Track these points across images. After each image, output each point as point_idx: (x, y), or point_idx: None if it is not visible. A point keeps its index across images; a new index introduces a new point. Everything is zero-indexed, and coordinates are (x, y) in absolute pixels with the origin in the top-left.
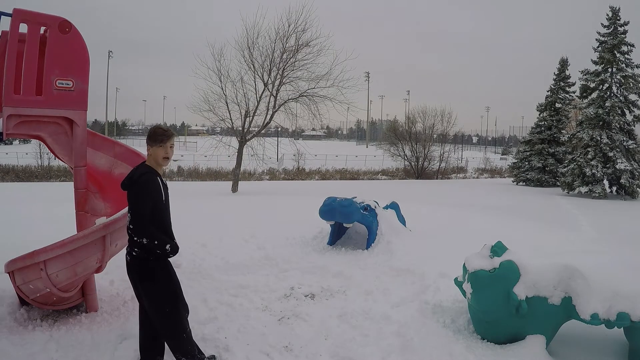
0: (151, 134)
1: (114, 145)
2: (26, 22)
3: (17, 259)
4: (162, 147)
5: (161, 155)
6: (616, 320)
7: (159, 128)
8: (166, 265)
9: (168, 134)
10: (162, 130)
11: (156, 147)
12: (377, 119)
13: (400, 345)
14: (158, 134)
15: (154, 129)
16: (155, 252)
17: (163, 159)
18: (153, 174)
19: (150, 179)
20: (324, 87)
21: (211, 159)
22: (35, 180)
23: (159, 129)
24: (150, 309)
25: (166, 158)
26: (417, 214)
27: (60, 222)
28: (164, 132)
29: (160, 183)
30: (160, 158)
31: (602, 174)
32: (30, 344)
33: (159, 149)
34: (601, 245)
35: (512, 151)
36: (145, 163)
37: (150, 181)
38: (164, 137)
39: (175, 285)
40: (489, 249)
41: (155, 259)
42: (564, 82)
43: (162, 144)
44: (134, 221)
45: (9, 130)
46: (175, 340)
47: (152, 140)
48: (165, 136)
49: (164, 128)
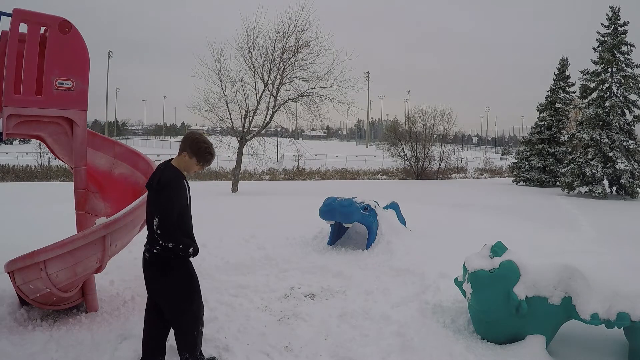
0: (198, 150)
1: (114, 145)
2: (26, 22)
3: (17, 259)
4: (200, 166)
5: (195, 170)
6: (616, 320)
7: (209, 148)
8: (186, 262)
9: (212, 158)
10: (211, 154)
11: (195, 162)
12: (377, 119)
13: (400, 345)
14: (207, 154)
15: (203, 145)
16: (178, 253)
17: (195, 171)
18: (181, 177)
19: (180, 185)
20: (324, 87)
21: None
22: (35, 180)
23: (209, 151)
24: (167, 305)
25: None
26: (417, 214)
27: (60, 222)
28: (211, 157)
29: (186, 186)
30: (191, 171)
31: (602, 174)
32: (30, 344)
33: (197, 165)
34: (601, 245)
35: (512, 151)
36: (172, 164)
37: (181, 187)
38: (209, 161)
39: (194, 283)
40: (489, 249)
41: (176, 258)
42: (564, 82)
43: (203, 165)
44: (162, 226)
45: (9, 130)
46: (188, 336)
47: (196, 155)
48: (210, 161)
49: (212, 151)
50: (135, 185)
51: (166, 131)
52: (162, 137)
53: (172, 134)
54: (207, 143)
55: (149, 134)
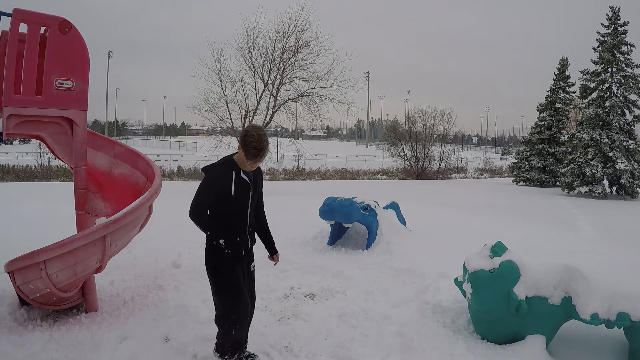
0: (244, 144)
1: (114, 145)
2: (26, 22)
3: (17, 259)
4: (250, 161)
5: (248, 164)
6: (616, 320)
7: (255, 142)
8: (215, 254)
9: (262, 153)
10: (255, 149)
11: (244, 156)
12: (377, 119)
13: (400, 345)
14: (251, 148)
15: (250, 139)
16: (213, 242)
17: (252, 165)
18: (227, 167)
19: (218, 173)
20: (324, 87)
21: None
22: (35, 180)
23: (253, 145)
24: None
25: (253, 166)
26: (417, 214)
27: (60, 222)
28: (256, 152)
29: (232, 178)
30: (247, 165)
31: (602, 174)
32: (30, 344)
33: (246, 160)
34: (601, 245)
35: (512, 151)
36: (234, 156)
37: (217, 175)
38: (254, 156)
39: (221, 278)
40: (489, 249)
41: (210, 246)
42: (564, 82)
43: (250, 159)
44: (191, 206)
45: (9, 130)
46: (218, 327)
47: (243, 148)
48: (256, 156)
49: (257, 146)
50: (135, 185)
51: (166, 131)
52: (162, 137)
53: (172, 134)
54: (255, 137)
55: (149, 134)
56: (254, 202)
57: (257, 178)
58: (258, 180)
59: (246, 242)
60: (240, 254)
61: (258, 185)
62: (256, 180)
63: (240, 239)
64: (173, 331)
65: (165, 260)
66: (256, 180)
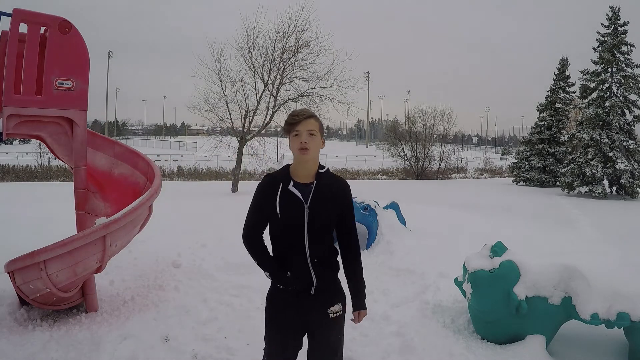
0: (285, 123)
1: (114, 145)
2: (26, 22)
3: (17, 259)
4: (296, 136)
5: (295, 146)
6: (616, 320)
7: (291, 114)
8: (275, 293)
9: (297, 119)
10: (292, 115)
11: (290, 138)
12: (377, 119)
13: (400, 345)
14: (287, 121)
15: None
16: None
17: (299, 150)
18: (275, 176)
19: (263, 184)
20: (324, 87)
21: (211, 159)
22: (35, 180)
23: (287, 120)
24: None
25: (303, 149)
26: (417, 214)
27: (60, 222)
28: (292, 117)
29: (278, 191)
30: (295, 149)
31: (602, 174)
32: (30, 344)
33: (292, 139)
34: (601, 245)
35: (512, 151)
36: (291, 165)
37: (261, 187)
38: (291, 124)
39: (272, 321)
40: (489, 249)
41: (272, 281)
42: (564, 82)
43: (292, 131)
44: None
45: (9, 130)
46: None
47: (285, 131)
48: (291, 123)
49: (295, 112)
50: (135, 185)
51: (166, 131)
52: (162, 137)
53: (172, 134)
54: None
55: (149, 134)
56: (317, 225)
57: (321, 194)
58: (324, 197)
59: (303, 281)
60: (301, 293)
61: (323, 204)
62: (318, 196)
63: (293, 275)
64: (173, 331)
65: (165, 260)
66: (318, 196)
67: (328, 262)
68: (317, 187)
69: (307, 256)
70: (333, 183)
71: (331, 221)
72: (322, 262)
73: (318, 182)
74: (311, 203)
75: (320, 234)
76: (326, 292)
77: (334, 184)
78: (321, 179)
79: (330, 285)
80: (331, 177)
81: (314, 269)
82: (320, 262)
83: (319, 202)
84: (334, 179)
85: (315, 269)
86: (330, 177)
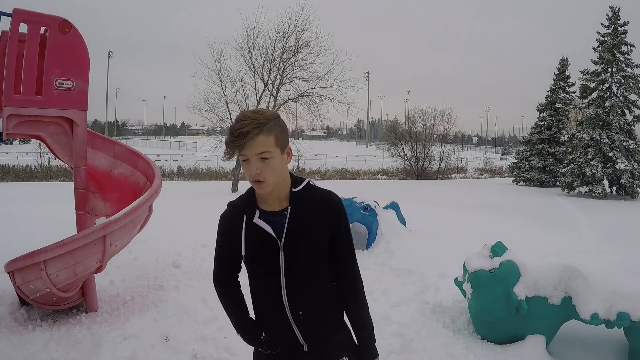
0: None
1: (114, 145)
2: (26, 22)
3: (17, 259)
4: (245, 162)
5: (247, 175)
6: (616, 320)
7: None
8: (257, 352)
9: (238, 141)
10: (231, 132)
11: (241, 162)
12: (377, 119)
13: (400, 345)
14: (226, 141)
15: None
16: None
17: (252, 183)
18: (237, 206)
19: (223, 219)
20: (324, 87)
21: (211, 159)
22: (35, 180)
23: (229, 134)
24: None
25: (256, 182)
26: (417, 214)
27: (60, 222)
28: (231, 137)
29: (242, 226)
30: (248, 178)
31: (602, 174)
32: (30, 344)
33: (242, 164)
34: (601, 245)
35: (512, 151)
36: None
37: (222, 223)
38: (232, 148)
39: None
40: (489, 249)
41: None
42: (564, 82)
43: (237, 152)
44: None
45: (9, 130)
46: None
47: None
48: (232, 147)
49: (236, 127)
50: (135, 185)
51: (166, 131)
52: (162, 137)
53: (172, 134)
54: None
55: (149, 134)
56: (299, 267)
57: (300, 223)
58: (304, 227)
59: (285, 344)
60: (290, 355)
61: (304, 236)
62: (296, 227)
63: (269, 336)
64: (173, 331)
65: (165, 260)
66: (296, 227)
67: (321, 313)
68: (293, 215)
69: (287, 310)
70: (315, 203)
71: (319, 256)
72: (310, 315)
73: (294, 207)
74: (287, 238)
75: (304, 277)
76: (325, 346)
77: (317, 203)
78: (298, 201)
79: (330, 338)
80: (312, 194)
81: (299, 327)
82: (309, 315)
83: (298, 236)
84: (316, 196)
85: (300, 325)
86: (310, 194)
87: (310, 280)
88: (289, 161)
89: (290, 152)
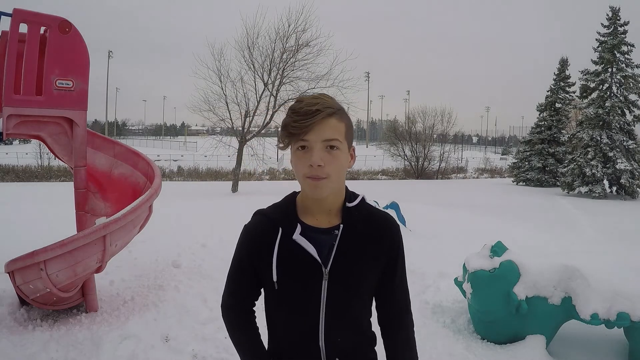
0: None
1: (114, 145)
2: (26, 22)
3: (17, 259)
4: (303, 151)
5: (302, 169)
6: (616, 320)
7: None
8: None
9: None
10: (295, 112)
11: (293, 152)
12: (377, 119)
13: None
14: (286, 123)
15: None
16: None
17: (308, 179)
18: (272, 216)
19: (249, 230)
20: (324, 87)
21: (211, 159)
22: (35, 180)
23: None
24: None
25: (314, 178)
26: (417, 214)
27: (60, 222)
28: (296, 117)
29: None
30: (301, 174)
31: (602, 174)
32: (30, 344)
33: (297, 155)
34: (601, 245)
35: (512, 151)
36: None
37: (243, 232)
38: (292, 133)
39: None
40: (489, 249)
41: None
42: (564, 82)
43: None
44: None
45: (9, 130)
46: None
47: (282, 138)
48: (293, 129)
49: (301, 106)
50: (135, 185)
51: (166, 131)
52: (162, 137)
53: (172, 134)
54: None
55: (149, 134)
56: (344, 302)
57: (353, 246)
58: (357, 252)
59: None
60: None
61: (355, 264)
62: (348, 250)
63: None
64: (173, 331)
65: (165, 260)
66: (348, 250)
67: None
68: (345, 236)
69: (322, 356)
70: (372, 225)
71: (369, 291)
72: (343, 354)
73: (347, 226)
74: (334, 265)
75: (348, 314)
76: None
77: (374, 225)
78: (352, 220)
79: None
80: (368, 213)
81: None
82: (342, 354)
83: (350, 263)
84: (373, 217)
85: None
86: (366, 213)
87: (355, 321)
88: (351, 165)
89: (354, 154)
